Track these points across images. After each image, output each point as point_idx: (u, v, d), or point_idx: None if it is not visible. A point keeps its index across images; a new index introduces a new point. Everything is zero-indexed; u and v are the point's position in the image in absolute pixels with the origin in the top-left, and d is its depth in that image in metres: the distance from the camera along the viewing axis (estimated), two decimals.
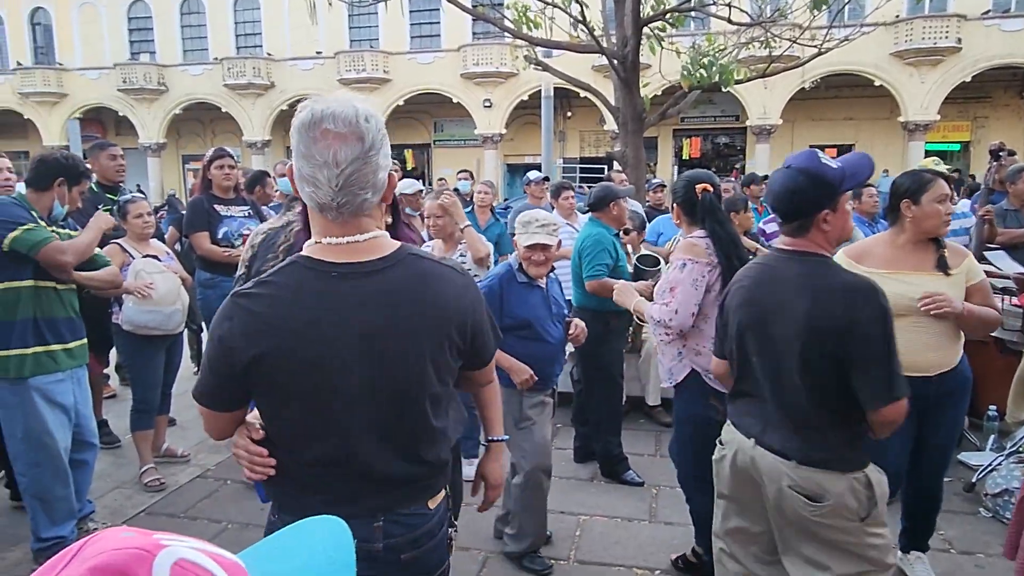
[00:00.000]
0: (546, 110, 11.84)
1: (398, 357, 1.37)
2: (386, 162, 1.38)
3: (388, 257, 1.40)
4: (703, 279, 2.77)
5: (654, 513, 3.72)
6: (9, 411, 3.06)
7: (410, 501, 1.45)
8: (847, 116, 24.28)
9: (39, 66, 28.46)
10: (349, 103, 1.34)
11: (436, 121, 28.15)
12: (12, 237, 2.87)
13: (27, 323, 3.00)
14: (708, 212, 2.83)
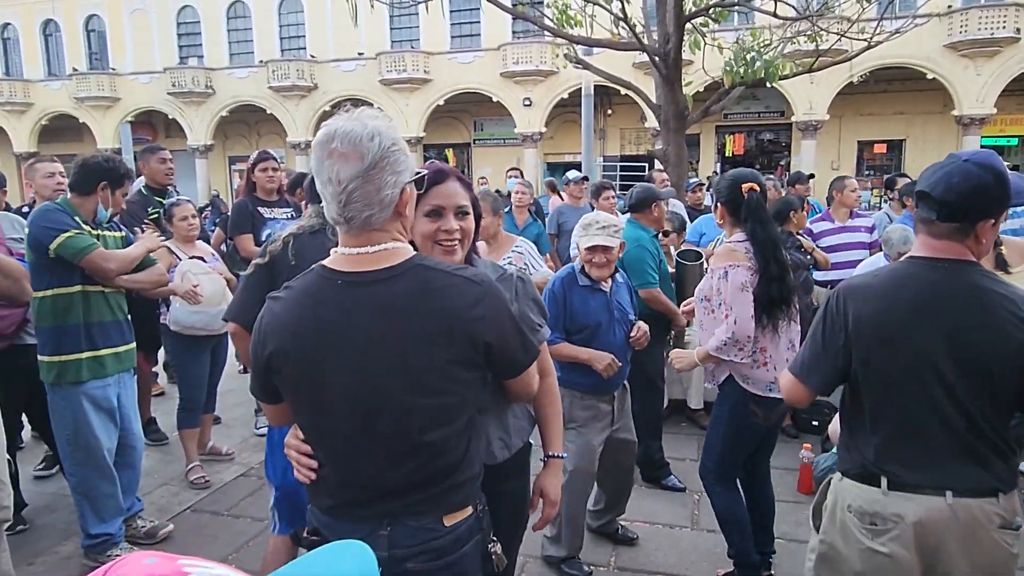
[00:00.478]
0: (586, 108, 11.76)
1: (392, 366, 1.39)
2: (395, 178, 1.40)
3: (395, 267, 1.41)
4: (748, 282, 2.71)
5: (696, 520, 3.65)
6: (59, 414, 3.12)
7: (418, 513, 1.44)
8: (898, 110, 23.56)
9: (93, 71, 29.40)
10: (361, 121, 1.38)
11: (476, 120, 28.22)
12: (58, 243, 2.92)
13: (79, 328, 3.05)
14: (752, 212, 2.76)
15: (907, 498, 1.69)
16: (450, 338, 1.39)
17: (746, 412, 2.79)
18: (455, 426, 1.45)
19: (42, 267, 2.99)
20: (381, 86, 26.34)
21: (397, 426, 1.41)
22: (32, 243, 2.99)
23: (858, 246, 5.32)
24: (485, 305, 1.43)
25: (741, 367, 2.76)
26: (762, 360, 2.76)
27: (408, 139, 26.51)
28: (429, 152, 28.38)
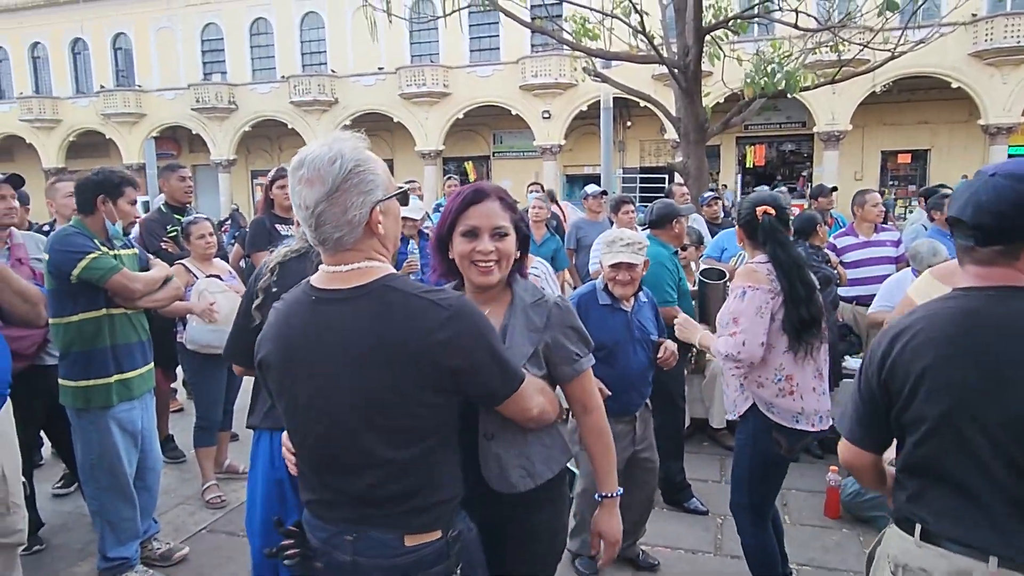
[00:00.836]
0: (605, 121, 11.74)
1: (349, 385, 1.43)
2: (361, 199, 1.43)
3: (363, 287, 1.45)
4: (767, 306, 2.61)
5: (719, 545, 3.55)
6: (85, 439, 3.08)
7: (379, 526, 1.47)
8: (922, 120, 23.25)
9: (120, 88, 29.97)
10: (329, 145, 1.43)
11: (495, 133, 28.31)
12: (81, 267, 2.88)
13: (106, 351, 3.01)
14: (769, 235, 2.68)
15: (940, 554, 1.49)
16: (408, 361, 1.40)
17: (768, 441, 2.67)
18: (416, 448, 1.45)
19: (64, 293, 2.94)
20: (401, 100, 26.54)
21: (353, 443, 1.45)
22: (53, 270, 2.94)
23: (884, 261, 5.20)
24: (450, 329, 1.41)
25: (766, 394, 2.67)
26: (788, 389, 2.64)
27: (427, 152, 26.67)
28: (448, 165, 28.50)
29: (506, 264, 1.75)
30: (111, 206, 3.02)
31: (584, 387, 1.81)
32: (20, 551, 3.00)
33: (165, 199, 4.78)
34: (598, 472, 1.84)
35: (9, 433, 2.61)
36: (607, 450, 1.83)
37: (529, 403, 1.61)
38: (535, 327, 1.75)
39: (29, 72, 31.57)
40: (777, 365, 2.64)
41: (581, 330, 1.82)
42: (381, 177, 1.47)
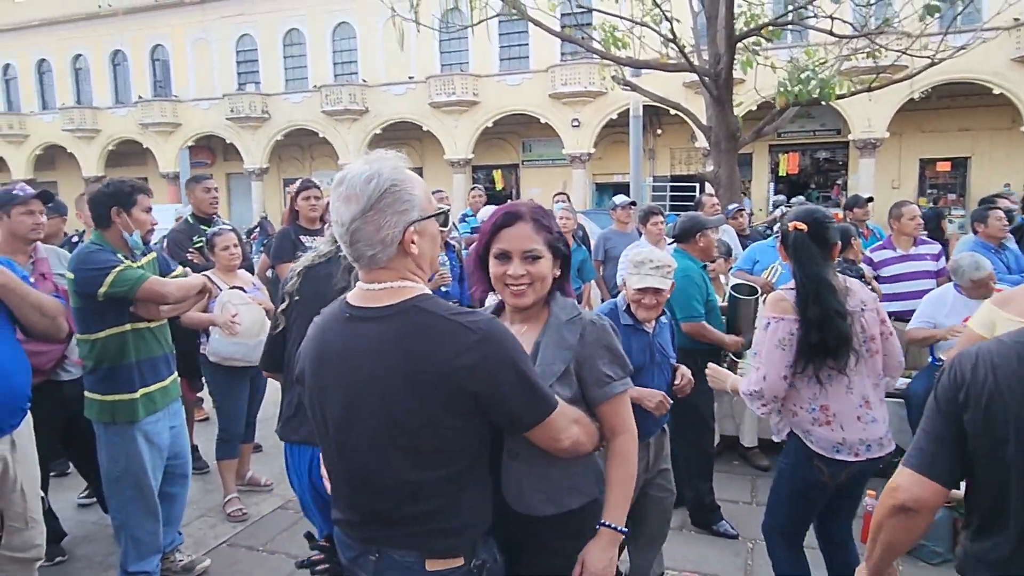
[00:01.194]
0: (635, 130, 11.62)
1: (374, 405, 1.43)
2: (396, 218, 1.44)
3: (392, 306, 1.45)
4: (791, 337, 2.48)
5: (750, 571, 3.42)
6: (111, 453, 3.06)
7: (401, 548, 1.47)
8: (962, 127, 22.66)
9: (157, 99, 30.66)
10: (368, 163, 1.45)
11: (524, 141, 28.30)
12: (109, 282, 2.84)
13: (131, 367, 3.00)
14: (793, 252, 2.57)
15: None
16: (433, 382, 1.39)
17: (810, 468, 2.53)
18: (439, 472, 1.44)
19: (91, 311, 2.93)
20: (430, 109, 26.69)
21: (378, 461, 1.45)
22: (79, 289, 2.91)
23: (924, 275, 5.00)
24: (477, 353, 1.39)
25: (801, 422, 2.54)
26: (824, 419, 2.50)
27: (456, 160, 26.76)
28: (477, 173, 28.56)
29: (540, 286, 1.73)
30: (125, 217, 2.97)
31: (616, 411, 1.72)
32: (42, 563, 3.02)
33: (192, 210, 4.80)
34: (608, 498, 1.72)
35: (29, 448, 2.61)
36: (625, 479, 1.72)
37: (559, 433, 1.56)
38: (567, 344, 1.70)
39: (71, 83, 32.47)
40: (810, 395, 2.51)
41: (616, 351, 1.73)
42: (418, 197, 1.47)
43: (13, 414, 2.48)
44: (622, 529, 1.70)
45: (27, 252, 3.25)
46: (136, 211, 3.00)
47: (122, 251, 2.99)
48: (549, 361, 1.69)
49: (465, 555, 1.48)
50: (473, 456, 1.50)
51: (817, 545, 2.84)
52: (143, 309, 3.01)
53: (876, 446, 2.50)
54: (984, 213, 5.00)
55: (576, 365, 1.69)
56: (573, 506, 1.71)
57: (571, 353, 1.69)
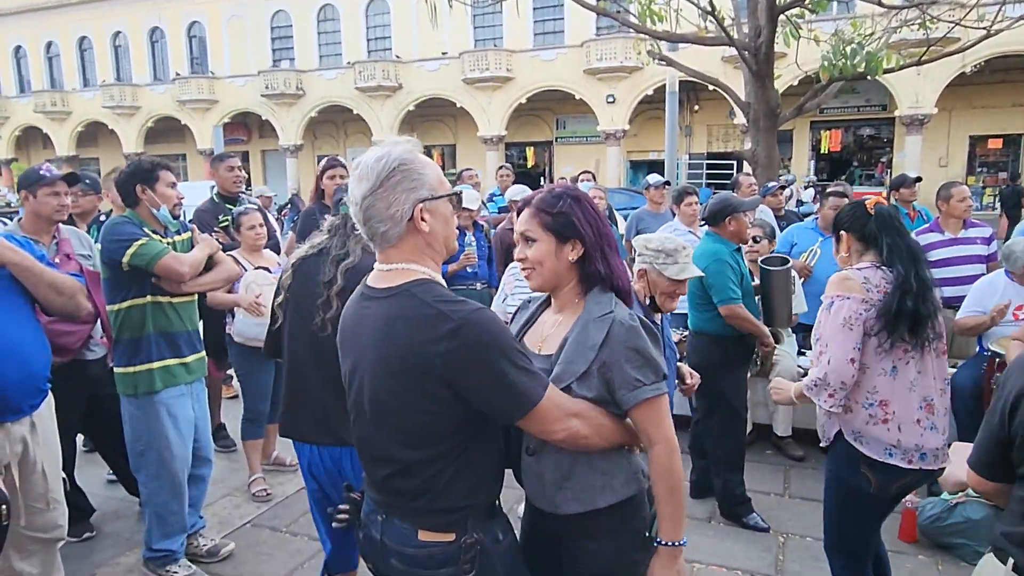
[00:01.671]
0: (671, 106, 11.34)
1: (368, 380, 1.53)
2: (405, 195, 1.50)
3: (390, 288, 1.52)
4: (858, 317, 2.27)
5: (781, 568, 3.30)
6: (134, 426, 3.10)
7: (400, 517, 1.57)
8: (1016, 103, 21.71)
9: (194, 75, 30.95)
10: (380, 146, 1.53)
11: (558, 118, 27.97)
12: (131, 253, 2.89)
13: (150, 338, 3.03)
14: (885, 226, 2.37)
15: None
16: (408, 368, 1.44)
17: (856, 475, 2.35)
18: (424, 452, 1.50)
19: (117, 281, 2.99)
20: (464, 85, 26.48)
21: (374, 435, 1.57)
22: (106, 259, 2.98)
23: (974, 260, 4.76)
24: (449, 342, 1.41)
25: (854, 421, 2.34)
26: (882, 416, 2.30)
27: (490, 138, 26.56)
28: (510, 151, 28.35)
29: (543, 269, 1.69)
30: (151, 193, 3.01)
31: (647, 417, 1.61)
32: (70, 540, 3.06)
33: (217, 189, 4.77)
34: (659, 514, 1.64)
35: (50, 429, 2.61)
36: (671, 492, 1.63)
37: (551, 425, 1.53)
38: (591, 344, 1.61)
39: (111, 60, 32.95)
40: (870, 388, 2.31)
41: (647, 353, 1.61)
42: (428, 177, 1.52)
43: (33, 395, 2.47)
44: (679, 543, 1.64)
45: (50, 232, 3.25)
46: (160, 186, 3.04)
47: (153, 226, 3.03)
48: (570, 360, 1.63)
49: (456, 531, 1.53)
50: (461, 439, 1.51)
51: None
52: (166, 283, 3.03)
53: (931, 457, 2.30)
54: None
55: (602, 366, 1.60)
56: (602, 505, 1.65)
57: (594, 353, 1.60)
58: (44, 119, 33.86)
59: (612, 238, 1.73)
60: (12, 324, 2.41)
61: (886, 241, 2.35)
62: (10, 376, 2.36)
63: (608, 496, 1.65)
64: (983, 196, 22.33)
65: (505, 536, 1.63)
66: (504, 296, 3.84)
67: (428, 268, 1.54)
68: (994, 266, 4.74)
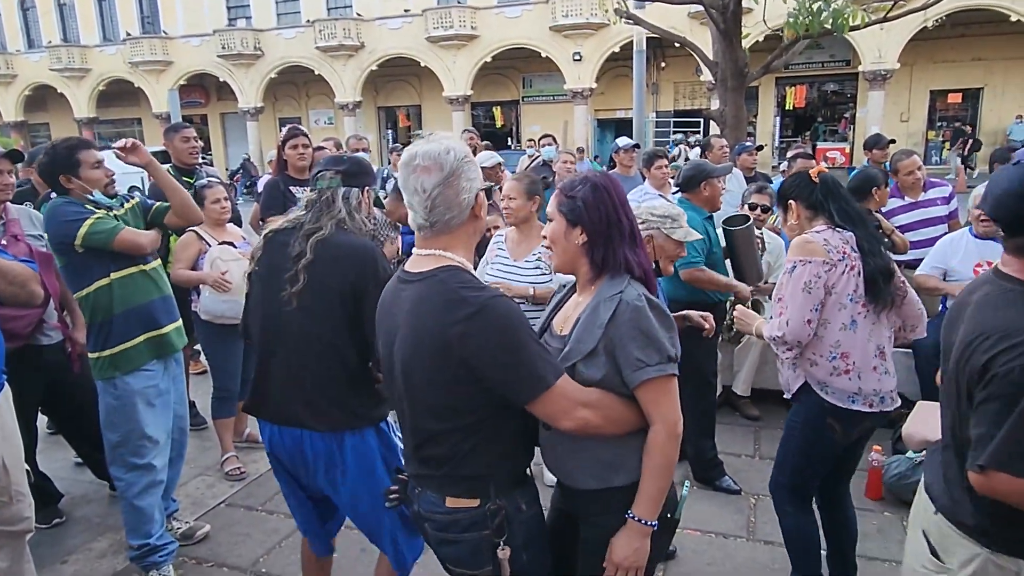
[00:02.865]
0: (638, 65, 11.25)
1: (399, 357, 1.65)
2: (469, 184, 1.62)
3: (422, 273, 1.63)
4: (817, 280, 2.40)
5: (753, 529, 3.38)
6: (112, 416, 2.97)
7: (431, 487, 1.70)
8: (976, 57, 21.95)
9: (146, 36, 29.74)
10: (438, 141, 1.62)
11: (524, 77, 27.56)
12: (82, 234, 2.73)
13: (119, 318, 2.89)
14: (830, 194, 2.51)
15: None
16: (429, 347, 1.56)
17: (823, 424, 2.50)
18: (448, 424, 1.62)
19: (74, 267, 2.83)
20: (428, 44, 25.90)
21: (406, 408, 1.69)
22: (56, 244, 2.80)
23: (934, 222, 4.82)
24: (468, 325, 1.52)
25: (819, 372, 2.48)
26: (844, 367, 2.45)
27: (455, 98, 26.13)
28: (477, 111, 27.94)
29: (558, 248, 1.76)
30: (77, 181, 2.80)
31: (649, 397, 1.64)
32: (39, 525, 2.97)
33: (172, 162, 4.58)
34: (640, 489, 1.66)
35: (9, 421, 2.51)
36: (657, 472, 1.65)
37: (558, 413, 1.59)
38: (599, 323, 1.66)
39: (56, 20, 31.44)
40: (833, 342, 2.45)
41: (652, 334, 1.62)
42: (479, 170, 1.69)
43: None
44: (649, 523, 1.65)
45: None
46: (84, 171, 2.81)
47: (93, 208, 2.83)
48: (579, 339, 1.68)
49: (480, 498, 1.64)
50: (482, 413, 1.61)
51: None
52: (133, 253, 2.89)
53: (888, 399, 2.51)
54: (1006, 155, 4.84)
55: (609, 344, 1.63)
56: (617, 483, 1.69)
57: (601, 332, 1.64)
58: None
59: (626, 227, 1.73)
60: None
61: (834, 207, 2.49)
62: None
63: (623, 476, 1.69)
64: (942, 150, 22.70)
65: (529, 507, 1.72)
66: (485, 262, 3.80)
67: (461, 256, 1.65)
68: (955, 224, 4.82)
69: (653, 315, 1.64)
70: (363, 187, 2.31)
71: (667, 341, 1.64)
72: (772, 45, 8.80)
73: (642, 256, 1.75)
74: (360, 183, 2.30)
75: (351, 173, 2.28)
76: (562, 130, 20.22)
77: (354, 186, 2.28)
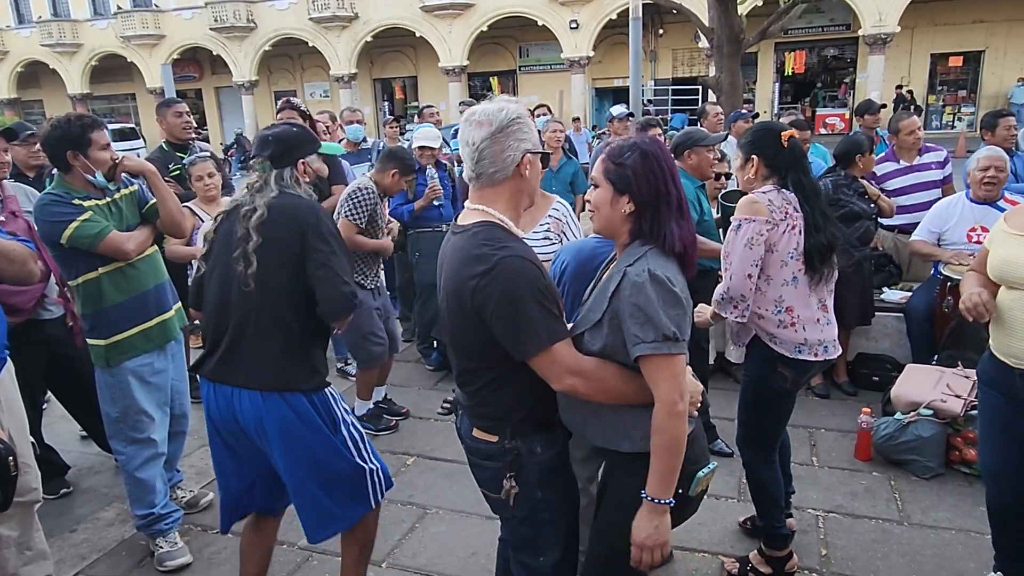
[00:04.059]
0: (634, 32, 11.10)
1: (444, 303, 1.82)
2: (517, 143, 1.72)
3: (466, 226, 1.75)
4: (760, 237, 2.52)
5: (743, 491, 3.45)
6: (106, 393, 3.02)
7: (466, 414, 1.89)
8: (977, 19, 21.66)
9: (137, 9, 29.36)
10: (498, 102, 1.76)
11: (521, 46, 27.25)
12: (67, 236, 2.72)
13: (110, 311, 2.90)
14: (794, 162, 2.60)
15: None
16: (455, 297, 1.72)
17: (774, 374, 2.63)
18: (473, 363, 1.79)
19: (63, 257, 2.85)
20: (423, 13, 25.57)
21: (449, 345, 1.88)
22: (44, 239, 2.82)
23: (929, 186, 4.83)
24: (483, 279, 1.64)
25: (767, 325, 2.61)
26: (789, 320, 2.59)
27: (451, 68, 25.87)
28: (473, 81, 27.68)
29: (599, 215, 1.81)
30: (83, 159, 2.76)
31: (649, 375, 1.65)
32: (47, 495, 3.05)
33: (166, 137, 4.59)
34: (651, 469, 1.68)
35: (13, 395, 2.57)
36: (662, 451, 1.65)
37: (549, 376, 1.69)
38: (605, 295, 1.72)
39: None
40: (777, 297, 2.58)
41: (649, 311, 1.62)
42: (534, 135, 1.77)
43: None
44: (663, 501, 1.67)
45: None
46: (92, 151, 2.78)
47: (88, 192, 2.82)
48: (591, 308, 1.78)
49: (499, 436, 1.79)
50: (499, 359, 1.72)
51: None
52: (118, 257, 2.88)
53: (832, 347, 2.65)
54: (993, 121, 4.84)
55: (613, 317, 1.69)
56: (623, 449, 1.77)
57: (607, 303, 1.71)
58: None
59: (674, 198, 1.73)
60: None
61: (791, 176, 2.58)
62: None
63: (627, 444, 1.74)
64: (943, 114, 22.54)
65: (545, 451, 1.82)
66: None
67: (503, 213, 1.75)
68: (948, 189, 4.84)
69: (654, 291, 1.62)
70: (296, 161, 2.36)
71: (666, 319, 1.61)
72: (771, 10, 8.71)
73: (687, 230, 1.73)
74: (292, 159, 2.35)
75: (277, 155, 2.33)
76: (557, 99, 20.04)
77: (286, 165, 2.34)
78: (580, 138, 11.97)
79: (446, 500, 3.51)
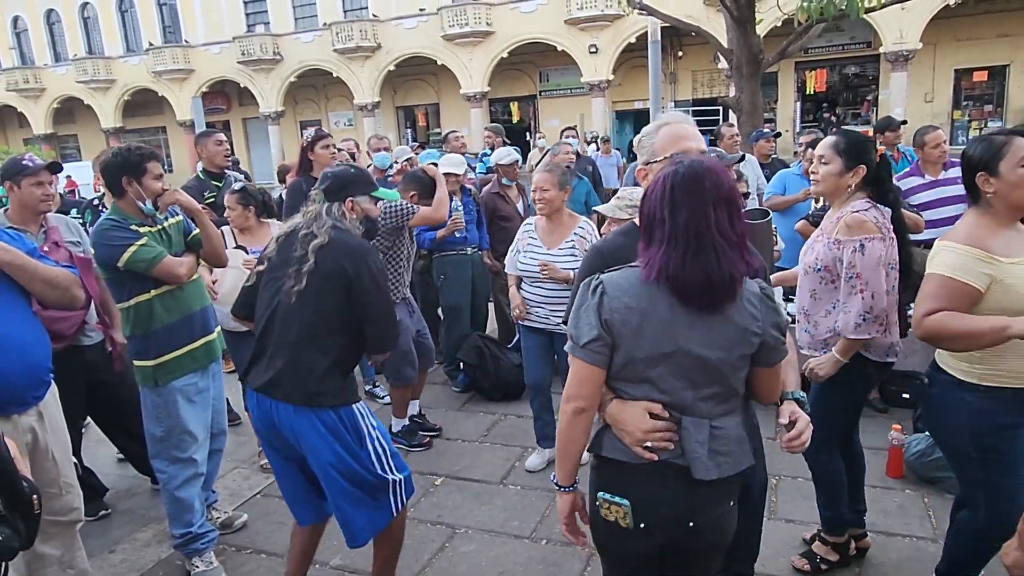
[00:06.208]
0: (653, 55, 11.16)
1: None
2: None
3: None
4: (885, 255, 2.58)
5: (774, 509, 3.43)
6: (151, 412, 3.11)
7: None
8: (1001, 33, 21.49)
9: (168, 45, 30.29)
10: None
11: (541, 71, 27.57)
12: (125, 259, 2.87)
13: (159, 333, 3.02)
14: (886, 174, 2.70)
15: None
16: None
17: (866, 375, 2.74)
18: None
19: (116, 281, 2.99)
20: (444, 42, 26.03)
21: None
22: (100, 262, 2.98)
23: (955, 200, 4.79)
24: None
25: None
26: (884, 328, 2.67)
27: (473, 95, 26.23)
28: (494, 107, 28.01)
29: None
30: (137, 186, 2.92)
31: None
32: (86, 518, 3.11)
33: (203, 165, 4.75)
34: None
35: (56, 417, 2.66)
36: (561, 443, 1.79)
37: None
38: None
39: (81, 33, 32.14)
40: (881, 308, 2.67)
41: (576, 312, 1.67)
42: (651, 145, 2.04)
43: (36, 387, 2.52)
44: (557, 484, 1.83)
45: (38, 222, 3.26)
46: (147, 179, 2.94)
47: (140, 219, 2.97)
48: None
49: None
50: None
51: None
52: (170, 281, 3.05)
53: (898, 347, 2.77)
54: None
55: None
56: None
57: None
58: (17, 97, 33.17)
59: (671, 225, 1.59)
60: (11, 318, 2.43)
61: (882, 189, 2.66)
62: (14, 369, 2.40)
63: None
64: (969, 130, 22.29)
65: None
66: (516, 251, 3.89)
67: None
68: None
69: (580, 292, 1.67)
70: (346, 198, 2.62)
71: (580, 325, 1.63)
72: (789, 30, 8.75)
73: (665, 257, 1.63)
74: (341, 196, 2.62)
75: (331, 191, 2.61)
76: (578, 123, 20.23)
77: (335, 200, 2.60)
78: (609, 160, 11.98)
79: (475, 520, 3.53)
